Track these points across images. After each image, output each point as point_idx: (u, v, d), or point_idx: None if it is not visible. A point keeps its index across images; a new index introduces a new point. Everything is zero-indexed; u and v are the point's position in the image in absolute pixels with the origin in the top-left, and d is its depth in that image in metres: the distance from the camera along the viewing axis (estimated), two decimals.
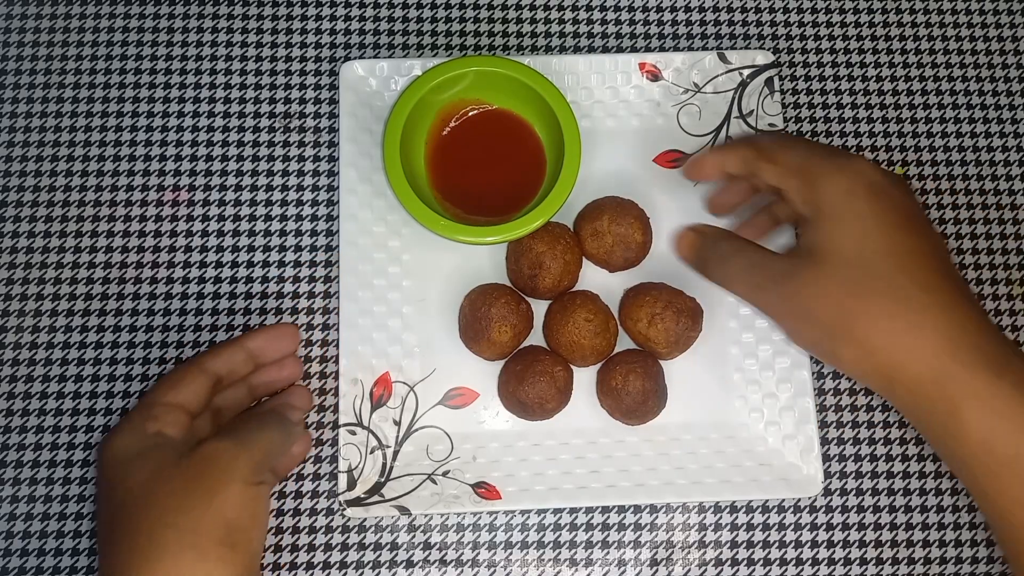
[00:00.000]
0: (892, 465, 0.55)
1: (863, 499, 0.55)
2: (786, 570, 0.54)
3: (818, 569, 0.54)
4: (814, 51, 0.62)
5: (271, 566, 0.52)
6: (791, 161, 0.42)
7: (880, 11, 0.63)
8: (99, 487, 0.42)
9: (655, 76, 0.59)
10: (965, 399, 0.36)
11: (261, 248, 0.57)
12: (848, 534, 0.54)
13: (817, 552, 0.54)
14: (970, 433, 0.36)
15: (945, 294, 0.38)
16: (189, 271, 0.57)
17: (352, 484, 0.52)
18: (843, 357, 0.39)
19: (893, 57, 0.62)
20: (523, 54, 0.61)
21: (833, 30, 0.63)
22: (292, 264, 0.57)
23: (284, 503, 0.53)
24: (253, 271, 0.57)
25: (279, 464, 0.50)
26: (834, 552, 0.54)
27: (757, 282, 0.42)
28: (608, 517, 0.54)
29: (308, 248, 0.57)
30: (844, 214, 0.39)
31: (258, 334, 0.50)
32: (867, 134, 0.61)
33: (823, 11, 0.63)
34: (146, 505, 0.39)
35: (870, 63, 0.62)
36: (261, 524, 0.42)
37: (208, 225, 0.58)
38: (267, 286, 0.57)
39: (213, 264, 0.57)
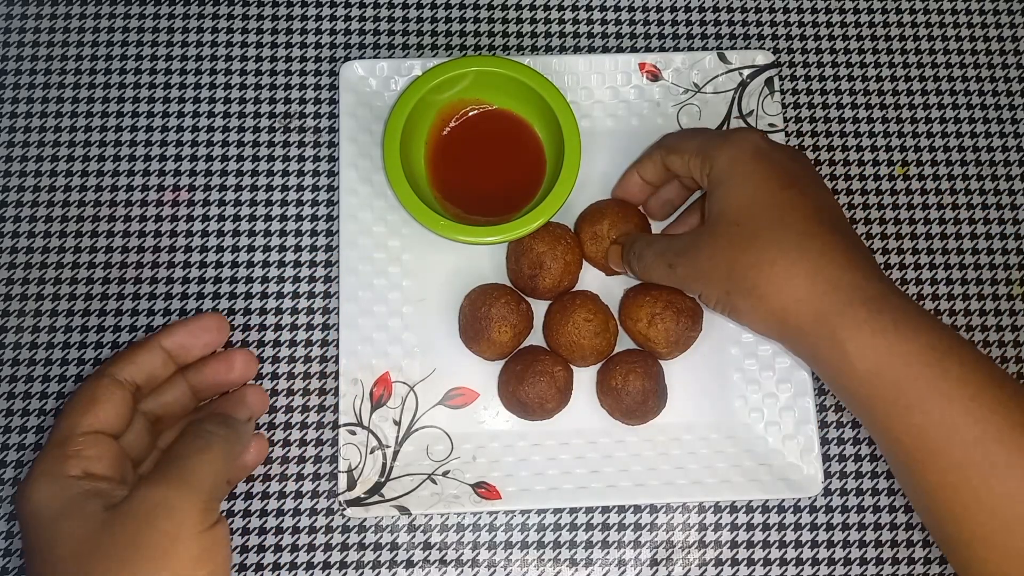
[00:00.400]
0: None
1: (863, 499, 0.55)
2: (786, 570, 0.54)
3: (818, 569, 0.54)
4: (814, 51, 0.62)
5: (271, 566, 0.53)
6: (690, 146, 0.46)
7: (880, 11, 0.63)
8: (24, 550, 0.35)
9: (655, 76, 0.59)
10: (848, 334, 0.38)
11: (261, 248, 0.57)
12: (848, 534, 0.54)
13: (817, 552, 0.54)
14: (855, 366, 0.38)
15: (825, 239, 0.40)
16: (189, 271, 0.57)
17: (352, 484, 0.52)
18: (740, 308, 0.42)
19: (893, 57, 0.62)
20: (523, 54, 0.61)
21: (833, 30, 0.63)
22: (292, 264, 0.57)
23: (284, 503, 0.53)
24: (253, 271, 0.57)
25: (230, 477, 0.45)
26: (834, 552, 0.54)
27: (668, 263, 0.45)
28: (608, 517, 0.54)
29: (308, 248, 0.57)
30: (732, 178, 0.43)
31: (175, 329, 0.44)
32: (867, 134, 0.61)
33: (823, 11, 0.63)
34: (86, 572, 0.33)
35: (870, 63, 0.62)
36: (223, 568, 0.35)
37: (208, 225, 0.58)
38: (267, 286, 0.57)
39: (213, 264, 0.57)
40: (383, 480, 0.52)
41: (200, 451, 0.37)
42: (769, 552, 0.54)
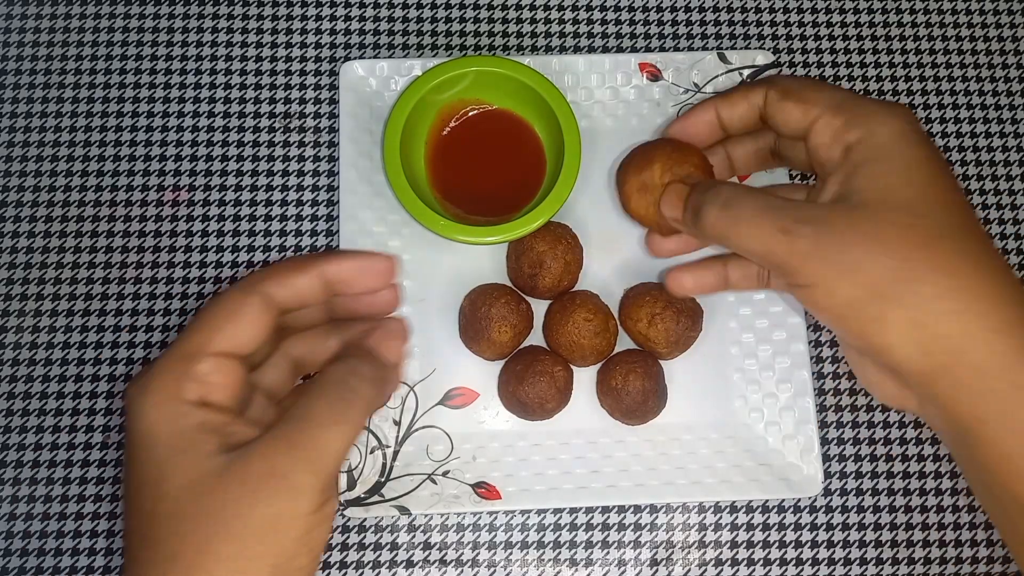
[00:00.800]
0: (892, 465, 0.55)
1: (863, 499, 0.55)
2: (786, 570, 0.54)
3: (818, 569, 0.54)
4: (814, 51, 0.62)
5: None
6: (827, 99, 0.35)
7: (880, 11, 0.63)
8: (127, 477, 0.31)
9: (655, 76, 0.59)
10: None
11: (261, 248, 0.57)
12: (848, 534, 0.54)
13: (817, 552, 0.54)
14: None
15: (1002, 262, 0.32)
16: (189, 271, 0.57)
17: (352, 484, 0.52)
18: (886, 322, 0.31)
19: (893, 57, 0.62)
20: (523, 54, 0.61)
21: (833, 30, 0.63)
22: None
23: None
24: (253, 271, 0.57)
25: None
26: (834, 552, 0.54)
27: (783, 225, 0.33)
28: (608, 517, 0.54)
29: (308, 248, 0.57)
30: (900, 156, 0.33)
31: (342, 259, 0.34)
32: None
33: (823, 11, 0.63)
34: (188, 530, 0.29)
35: (870, 63, 0.62)
36: (317, 555, 0.31)
37: (208, 225, 0.58)
38: None
39: (213, 264, 0.57)
40: (383, 480, 0.52)
41: (336, 420, 0.30)
42: (769, 552, 0.54)
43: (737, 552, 0.54)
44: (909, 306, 0.30)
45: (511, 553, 0.53)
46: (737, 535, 0.54)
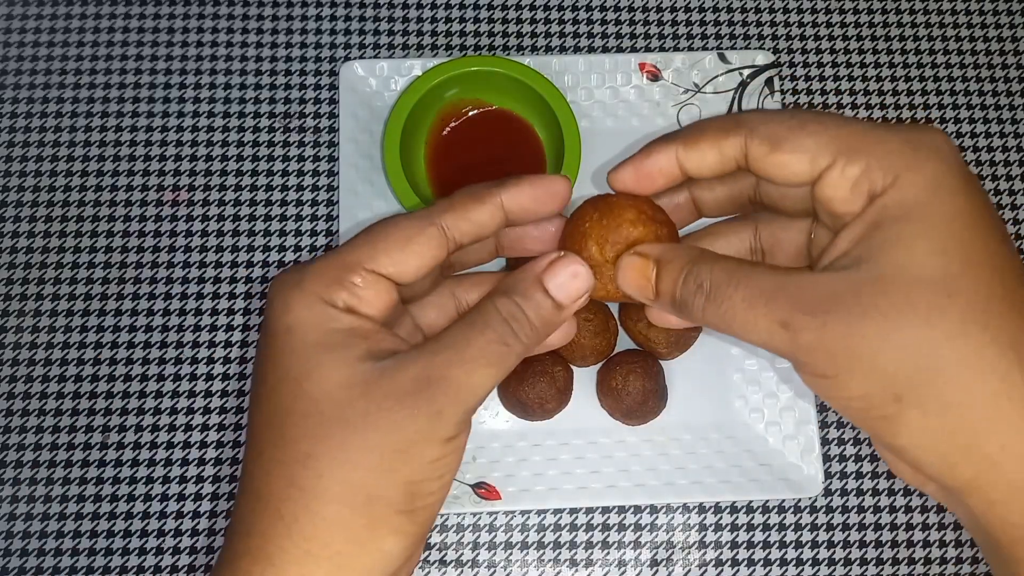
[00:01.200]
0: None
1: (863, 499, 0.55)
2: (786, 570, 0.54)
3: (818, 569, 0.54)
4: (814, 51, 0.62)
5: None
6: (834, 142, 0.28)
7: (880, 11, 0.63)
8: (260, 372, 0.30)
9: (655, 76, 0.59)
10: None
11: (261, 248, 0.57)
12: (848, 534, 0.54)
13: (817, 552, 0.54)
14: None
15: None
16: (189, 271, 0.57)
17: None
18: (901, 427, 0.26)
19: (893, 57, 0.62)
20: (523, 54, 0.61)
21: (833, 30, 0.63)
22: (292, 265, 0.57)
23: None
24: (253, 271, 0.57)
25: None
26: (834, 552, 0.54)
27: (781, 319, 0.27)
28: (608, 517, 0.54)
29: (308, 248, 0.57)
30: (934, 215, 0.26)
31: (520, 186, 0.31)
32: None
33: (823, 11, 0.63)
34: (325, 433, 0.27)
35: (870, 63, 0.62)
36: (448, 483, 0.29)
37: (208, 225, 0.58)
38: (267, 287, 0.57)
39: (213, 264, 0.57)
40: None
41: (491, 363, 0.28)
42: (769, 552, 0.54)
43: (737, 552, 0.54)
44: (930, 412, 0.25)
45: (511, 553, 0.53)
46: (737, 535, 0.54)
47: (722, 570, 0.53)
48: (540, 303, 0.29)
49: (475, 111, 0.56)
